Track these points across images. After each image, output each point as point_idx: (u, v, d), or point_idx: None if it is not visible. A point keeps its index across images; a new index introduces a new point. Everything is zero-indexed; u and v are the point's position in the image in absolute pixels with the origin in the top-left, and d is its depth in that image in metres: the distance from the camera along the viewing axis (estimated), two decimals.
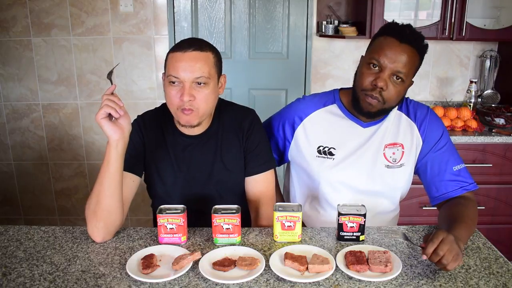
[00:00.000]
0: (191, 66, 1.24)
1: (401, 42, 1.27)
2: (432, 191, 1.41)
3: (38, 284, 1.05)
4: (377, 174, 1.41)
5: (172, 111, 1.32)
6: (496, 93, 2.79)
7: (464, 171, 1.39)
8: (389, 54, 1.27)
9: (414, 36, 1.30)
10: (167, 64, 1.29)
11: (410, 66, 1.28)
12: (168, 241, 1.22)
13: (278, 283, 1.05)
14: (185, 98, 1.25)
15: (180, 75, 1.25)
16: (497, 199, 2.46)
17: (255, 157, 1.40)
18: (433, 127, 1.41)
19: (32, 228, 1.32)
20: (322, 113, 1.45)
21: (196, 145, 1.39)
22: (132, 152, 1.35)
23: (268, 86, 2.90)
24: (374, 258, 1.11)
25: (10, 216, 3.04)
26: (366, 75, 1.31)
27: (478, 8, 2.57)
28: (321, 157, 1.43)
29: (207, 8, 2.77)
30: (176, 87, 1.26)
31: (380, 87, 1.28)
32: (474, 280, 1.07)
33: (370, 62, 1.30)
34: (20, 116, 2.87)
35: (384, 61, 1.27)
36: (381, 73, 1.28)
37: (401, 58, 1.27)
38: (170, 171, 1.39)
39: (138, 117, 1.43)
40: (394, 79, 1.28)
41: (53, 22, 2.70)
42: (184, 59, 1.25)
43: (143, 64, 2.79)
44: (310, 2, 2.76)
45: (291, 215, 1.22)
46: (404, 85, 1.31)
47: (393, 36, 1.29)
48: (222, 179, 1.40)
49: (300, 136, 1.46)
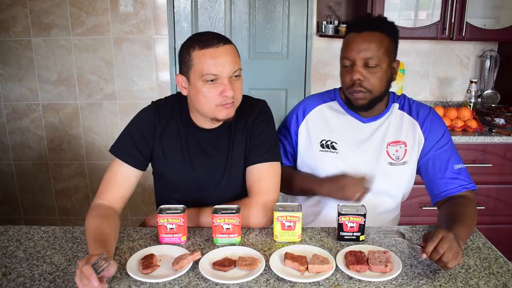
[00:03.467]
0: (228, 61, 1.23)
1: (359, 32, 1.34)
2: (433, 189, 1.42)
3: (38, 284, 1.05)
4: (381, 171, 1.42)
5: (206, 109, 1.27)
6: (496, 93, 2.79)
7: (464, 170, 1.41)
8: (353, 47, 1.33)
9: (372, 21, 1.37)
10: (198, 63, 1.23)
11: (377, 49, 1.32)
12: (168, 241, 1.22)
13: (278, 283, 1.05)
14: (229, 94, 1.24)
15: (220, 71, 1.22)
16: (497, 199, 2.46)
17: (256, 146, 1.37)
18: (435, 126, 1.43)
19: (32, 228, 1.32)
20: (323, 108, 1.50)
21: (212, 138, 1.37)
22: (139, 145, 1.34)
23: (268, 86, 2.90)
24: (374, 258, 1.11)
25: (10, 216, 3.04)
26: (344, 74, 1.39)
27: (478, 8, 2.57)
28: (324, 151, 1.46)
29: (207, 8, 2.77)
30: (214, 84, 1.24)
31: (357, 79, 1.33)
32: (474, 280, 1.07)
33: (342, 62, 1.38)
34: (20, 116, 2.87)
35: (351, 55, 1.34)
36: (354, 67, 1.34)
37: (365, 46, 1.32)
38: (180, 162, 1.37)
39: (153, 104, 1.39)
40: (368, 67, 1.33)
41: (53, 22, 2.70)
42: (220, 54, 1.22)
43: (143, 64, 2.79)
44: (310, 2, 2.76)
45: (291, 215, 1.22)
46: (383, 69, 1.34)
47: (352, 30, 1.37)
48: (231, 171, 1.38)
49: (303, 132, 1.49)
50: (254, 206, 1.32)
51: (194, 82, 1.26)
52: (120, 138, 1.37)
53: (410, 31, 2.53)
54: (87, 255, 1.02)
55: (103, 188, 1.32)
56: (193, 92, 1.27)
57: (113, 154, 1.34)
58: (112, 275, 1.02)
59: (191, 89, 1.28)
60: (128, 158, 1.32)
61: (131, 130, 1.36)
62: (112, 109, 2.86)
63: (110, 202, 1.30)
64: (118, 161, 1.33)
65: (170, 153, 1.37)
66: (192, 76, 1.26)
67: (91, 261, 0.97)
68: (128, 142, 1.34)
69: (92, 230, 1.18)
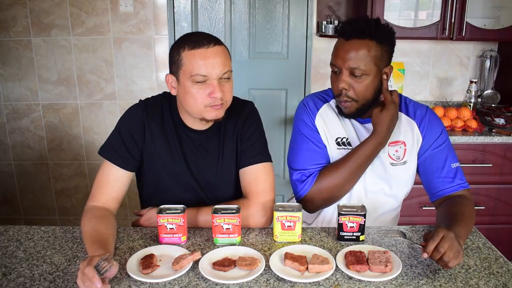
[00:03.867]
0: (218, 62, 1.22)
1: (347, 39, 1.30)
2: (431, 188, 1.42)
3: (38, 284, 1.05)
4: (382, 172, 1.41)
5: (195, 110, 1.27)
6: (496, 93, 2.79)
7: (460, 169, 1.41)
8: (340, 55, 1.31)
9: (361, 28, 1.29)
10: (187, 63, 1.22)
11: (364, 58, 1.28)
12: (168, 241, 1.22)
13: (278, 283, 1.05)
14: (218, 95, 1.23)
15: (209, 72, 1.21)
16: (497, 199, 2.46)
17: (247, 148, 1.37)
18: (433, 125, 1.42)
19: (32, 228, 1.32)
20: (327, 107, 1.46)
21: (202, 139, 1.37)
22: (129, 146, 1.32)
23: (268, 86, 2.90)
24: (374, 258, 1.11)
25: (10, 216, 3.04)
26: (333, 81, 1.37)
27: (478, 8, 2.57)
28: (341, 149, 1.42)
29: (207, 8, 2.77)
30: (203, 85, 1.23)
31: (342, 88, 1.32)
32: (474, 280, 1.07)
33: (331, 67, 1.36)
34: (20, 116, 2.87)
35: (338, 63, 1.31)
36: (340, 75, 1.32)
37: (351, 55, 1.28)
38: (169, 163, 1.36)
39: (141, 103, 1.38)
40: (355, 77, 1.30)
41: (53, 22, 2.70)
42: (210, 55, 1.21)
43: (143, 64, 2.79)
44: (310, 2, 2.76)
45: (291, 215, 1.22)
46: (370, 78, 1.31)
47: (341, 36, 1.33)
48: (223, 172, 1.39)
49: (320, 129, 1.44)
50: (253, 206, 1.32)
51: (183, 82, 1.25)
52: (109, 139, 1.35)
53: (410, 31, 2.53)
54: (88, 257, 1.02)
55: (96, 191, 1.31)
56: (182, 92, 1.27)
57: (102, 156, 1.32)
58: (113, 275, 1.02)
59: (180, 89, 1.27)
60: (118, 161, 1.31)
61: (120, 131, 1.34)
62: (112, 109, 2.86)
63: (104, 204, 1.29)
64: (109, 163, 1.31)
65: (160, 153, 1.35)
66: (181, 76, 1.25)
67: (93, 263, 0.97)
68: (118, 144, 1.32)
69: (89, 231, 1.17)
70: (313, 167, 1.41)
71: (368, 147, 1.34)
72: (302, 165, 1.41)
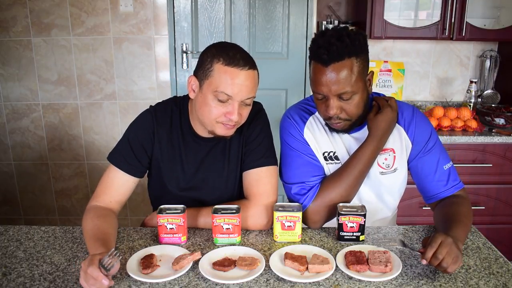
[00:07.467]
0: (247, 87, 1.21)
1: (325, 65, 1.20)
2: (425, 191, 1.40)
3: (38, 284, 1.05)
4: (373, 182, 1.39)
5: (207, 121, 1.26)
6: (496, 93, 2.79)
7: (453, 169, 1.38)
8: (323, 82, 1.22)
9: (337, 50, 1.19)
10: (216, 77, 1.19)
11: (349, 80, 1.20)
12: (168, 241, 1.22)
13: (278, 283, 1.05)
14: (234, 118, 1.22)
15: (234, 94, 1.20)
16: (497, 199, 2.46)
17: (252, 151, 1.36)
18: (421, 128, 1.38)
19: (32, 228, 1.32)
20: (312, 120, 1.41)
21: (209, 146, 1.37)
22: (138, 154, 1.32)
23: (268, 86, 2.90)
24: (374, 258, 1.11)
25: (10, 216, 3.04)
26: (319, 105, 1.30)
27: (478, 8, 2.57)
28: (329, 163, 1.39)
29: (207, 8, 2.77)
30: (224, 104, 1.21)
31: (334, 114, 1.25)
32: (474, 280, 1.07)
33: (314, 95, 1.28)
34: (20, 116, 2.87)
35: (322, 90, 1.23)
36: (328, 101, 1.25)
37: (335, 81, 1.20)
38: (178, 169, 1.36)
39: (151, 109, 1.37)
40: (343, 100, 1.24)
41: (53, 22, 2.70)
42: (242, 78, 1.19)
43: (143, 64, 2.79)
44: (310, 2, 2.76)
45: (291, 215, 1.22)
46: (358, 95, 1.25)
47: (317, 61, 1.23)
48: (229, 175, 1.39)
49: (309, 141, 1.40)
50: (253, 207, 1.31)
51: (205, 92, 1.23)
52: (118, 146, 1.35)
53: (410, 31, 2.53)
54: (89, 256, 1.02)
55: (100, 191, 1.31)
56: (201, 100, 1.25)
57: (111, 162, 1.32)
58: (117, 271, 1.03)
59: (200, 96, 1.25)
60: (126, 167, 1.31)
61: (129, 138, 1.34)
62: (112, 109, 2.86)
63: (107, 205, 1.30)
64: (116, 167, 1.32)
65: (168, 159, 1.36)
66: (205, 85, 1.23)
67: (95, 262, 0.97)
68: (127, 151, 1.32)
69: (92, 229, 1.18)
70: (312, 180, 1.36)
71: (365, 152, 1.31)
72: (299, 178, 1.36)
